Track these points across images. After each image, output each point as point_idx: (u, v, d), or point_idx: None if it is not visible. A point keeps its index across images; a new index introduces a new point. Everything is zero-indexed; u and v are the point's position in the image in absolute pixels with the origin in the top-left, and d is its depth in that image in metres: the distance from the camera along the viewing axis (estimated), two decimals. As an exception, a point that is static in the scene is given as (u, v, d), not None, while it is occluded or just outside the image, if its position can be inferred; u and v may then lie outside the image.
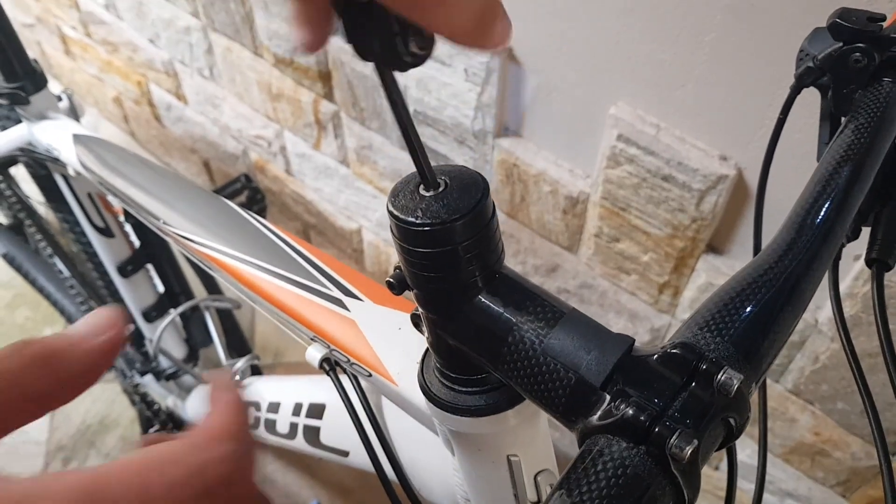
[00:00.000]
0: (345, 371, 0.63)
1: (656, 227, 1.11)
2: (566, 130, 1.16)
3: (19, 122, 1.12)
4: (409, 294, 0.41)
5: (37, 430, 1.94)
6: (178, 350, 1.53)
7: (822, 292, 0.53)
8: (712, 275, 1.11)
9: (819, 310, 1.04)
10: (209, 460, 0.29)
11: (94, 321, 0.32)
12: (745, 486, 1.36)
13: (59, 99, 1.16)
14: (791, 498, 1.31)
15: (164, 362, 1.49)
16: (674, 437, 0.31)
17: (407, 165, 1.49)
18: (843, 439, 1.15)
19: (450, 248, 0.34)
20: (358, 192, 1.73)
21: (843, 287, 0.96)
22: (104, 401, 1.99)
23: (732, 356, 0.35)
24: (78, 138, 0.98)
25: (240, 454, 0.30)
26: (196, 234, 0.74)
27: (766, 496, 1.34)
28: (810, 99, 0.58)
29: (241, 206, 1.33)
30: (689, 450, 0.31)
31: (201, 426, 0.30)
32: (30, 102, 1.08)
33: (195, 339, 1.51)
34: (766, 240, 0.44)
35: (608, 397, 0.33)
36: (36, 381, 0.29)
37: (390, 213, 0.35)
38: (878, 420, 0.49)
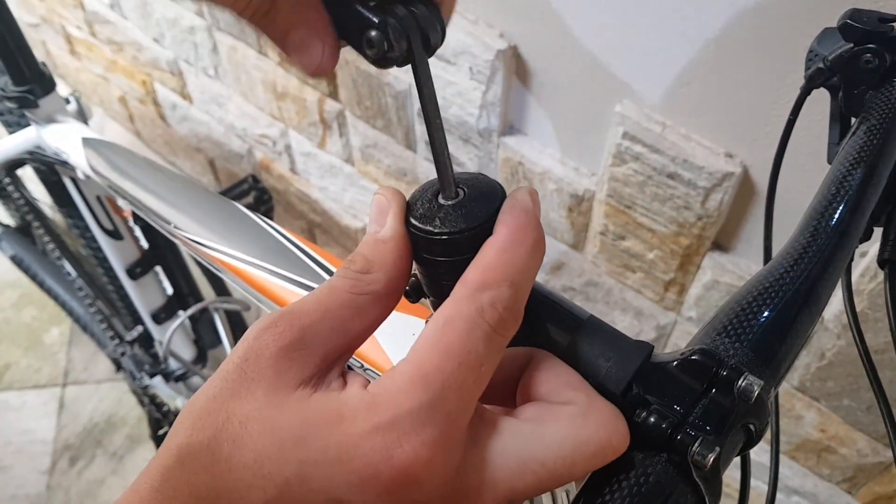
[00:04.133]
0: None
1: (662, 225, 1.11)
2: (571, 128, 1.16)
3: (28, 125, 1.12)
4: (424, 301, 0.41)
5: (44, 429, 1.95)
6: (187, 351, 1.53)
7: (831, 288, 0.53)
8: (718, 272, 1.11)
9: (825, 307, 1.04)
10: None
11: (376, 209, 0.36)
12: (754, 484, 1.36)
13: (68, 101, 1.16)
14: (797, 494, 1.31)
15: (173, 364, 1.49)
16: (696, 444, 0.31)
17: (411, 164, 1.49)
18: (850, 436, 1.15)
19: (468, 257, 0.34)
20: (363, 190, 1.73)
21: (850, 284, 0.96)
22: (111, 399, 1.99)
23: (752, 362, 0.35)
24: (87, 142, 0.98)
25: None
26: (205, 237, 0.74)
27: (772, 492, 1.34)
28: (818, 97, 0.58)
29: (249, 206, 1.33)
30: (711, 457, 0.31)
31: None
32: (38, 106, 1.08)
33: (204, 340, 1.51)
34: (775, 239, 0.45)
35: (628, 405, 0.34)
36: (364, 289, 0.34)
37: (408, 221, 0.36)
38: (892, 416, 0.49)
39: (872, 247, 0.91)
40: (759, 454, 1.30)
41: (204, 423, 0.30)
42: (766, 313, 0.37)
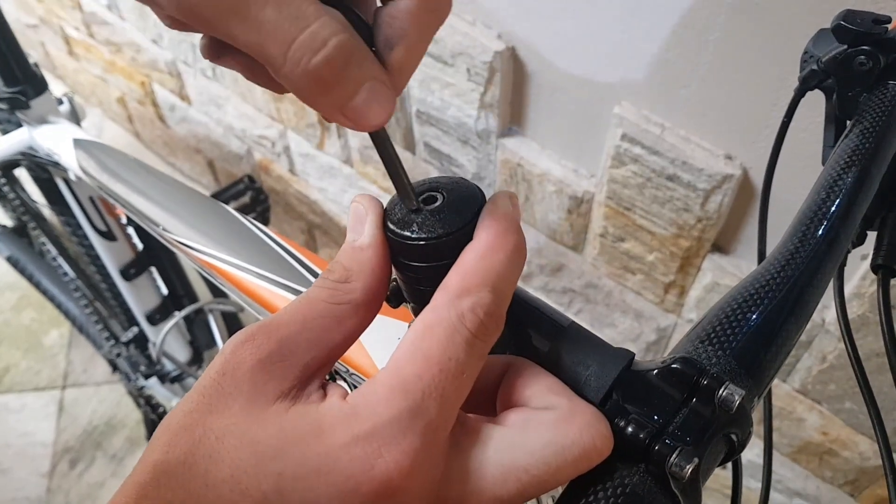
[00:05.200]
0: (344, 380, 0.63)
1: (661, 227, 1.10)
2: (570, 130, 1.15)
3: (20, 125, 1.11)
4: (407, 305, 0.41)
5: (44, 432, 1.95)
6: (182, 352, 1.52)
7: (831, 291, 0.52)
8: (718, 274, 1.10)
9: (826, 309, 1.04)
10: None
11: (354, 217, 0.35)
12: (753, 485, 1.36)
13: (61, 102, 1.16)
14: (799, 497, 1.30)
15: (168, 365, 1.49)
16: (674, 455, 0.30)
17: (410, 165, 1.48)
18: (851, 439, 1.14)
19: (446, 263, 0.33)
20: (362, 191, 1.72)
21: (850, 287, 0.95)
22: (110, 402, 1.99)
23: (734, 370, 0.34)
24: (78, 143, 0.98)
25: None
26: (195, 240, 0.73)
27: (774, 495, 1.33)
28: (817, 98, 0.57)
29: (245, 206, 1.33)
30: (689, 468, 0.30)
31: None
32: (30, 107, 1.08)
33: (199, 341, 1.51)
34: (773, 242, 0.44)
35: (607, 414, 0.33)
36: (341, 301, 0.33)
37: (386, 227, 0.35)
38: (882, 422, 0.48)
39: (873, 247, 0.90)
40: (760, 455, 1.29)
41: (180, 439, 0.29)
42: (750, 321, 0.36)
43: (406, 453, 0.28)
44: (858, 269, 0.93)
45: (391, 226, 0.35)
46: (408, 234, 0.34)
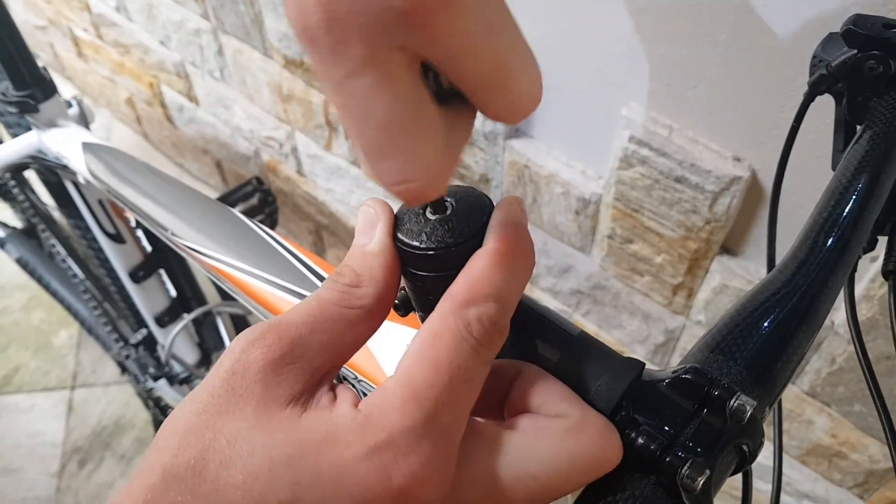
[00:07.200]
0: (353, 387, 0.63)
1: (669, 229, 1.10)
2: (578, 131, 1.14)
3: (29, 128, 1.12)
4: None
5: (53, 432, 1.96)
6: (190, 355, 1.53)
7: (840, 292, 0.51)
8: (727, 276, 1.10)
9: (835, 311, 1.03)
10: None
11: (364, 220, 0.36)
12: (762, 487, 1.35)
13: (69, 105, 1.16)
14: (808, 499, 1.30)
15: (176, 367, 1.49)
16: (685, 467, 0.30)
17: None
18: (861, 441, 1.14)
19: (454, 273, 0.33)
20: (370, 192, 1.72)
21: (859, 289, 0.94)
22: (119, 402, 2.00)
23: (745, 381, 0.34)
24: (87, 147, 0.98)
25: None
26: (203, 245, 0.73)
27: (783, 497, 1.33)
28: (827, 100, 0.57)
29: (253, 208, 1.33)
30: (701, 480, 0.30)
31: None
32: (39, 110, 1.08)
33: (208, 343, 1.51)
34: (781, 245, 0.43)
35: (618, 425, 0.33)
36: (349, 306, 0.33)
37: (395, 236, 0.35)
38: (892, 425, 0.48)
39: (883, 251, 0.89)
40: (769, 457, 1.28)
41: (189, 442, 0.29)
42: (761, 330, 0.36)
43: (423, 462, 0.28)
44: (868, 271, 0.93)
45: (400, 236, 0.35)
46: (416, 243, 0.34)
